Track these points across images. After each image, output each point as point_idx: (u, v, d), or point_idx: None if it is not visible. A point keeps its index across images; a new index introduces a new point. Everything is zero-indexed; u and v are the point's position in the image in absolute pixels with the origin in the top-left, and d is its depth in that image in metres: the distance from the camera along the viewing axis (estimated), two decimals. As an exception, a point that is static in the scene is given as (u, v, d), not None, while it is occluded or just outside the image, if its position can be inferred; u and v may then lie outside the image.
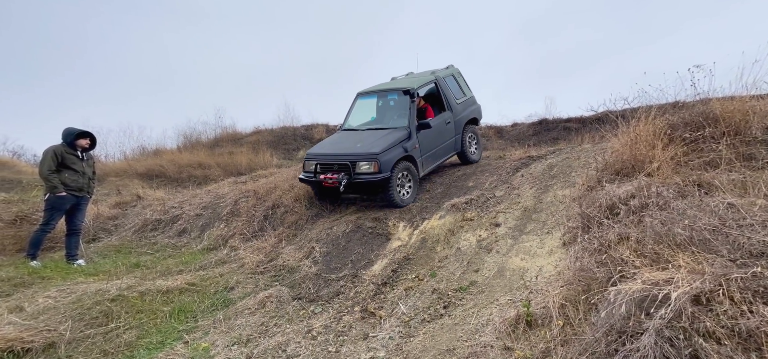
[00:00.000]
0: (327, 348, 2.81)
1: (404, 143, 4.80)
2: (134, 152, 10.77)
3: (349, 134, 5.23)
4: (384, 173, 4.51)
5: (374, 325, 3.12)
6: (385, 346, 2.67)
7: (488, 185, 5.40)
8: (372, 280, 3.94)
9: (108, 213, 5.93)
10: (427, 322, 2.92)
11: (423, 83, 5.32)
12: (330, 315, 3.40)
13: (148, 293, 3.34)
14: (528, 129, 10.45)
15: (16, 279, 3.50)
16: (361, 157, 4.54)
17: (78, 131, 4.21)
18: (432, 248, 4.40)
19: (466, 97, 6.00)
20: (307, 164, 4.93)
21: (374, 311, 3.34)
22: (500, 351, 2.17)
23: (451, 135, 5.62)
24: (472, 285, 3.35)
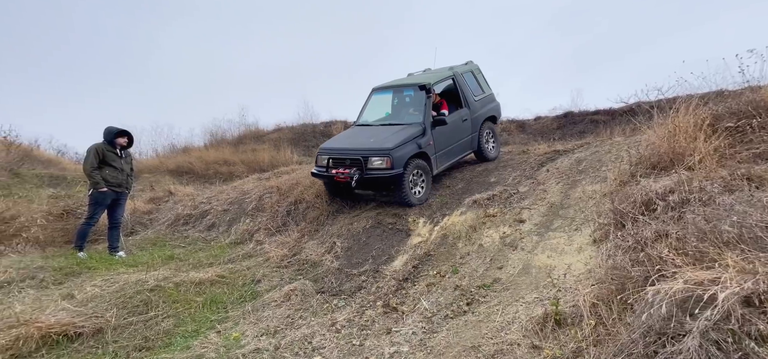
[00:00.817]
0: (351, 342, 2.85)
1: (418, 139, 4.64)
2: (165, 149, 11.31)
3: (363, 129, 5.11)
4: (396, 170, 4.35)
5: (397, 320, 3.13)
6: (409, 341, 2.67)
7: (511, 180, 5.26)
8: (393, 275, 3.95)
9: (143, 208, 6.28)
10: (450, 318, 2.90)
11: (439, 79, 5.18)
12: (353, 309, 3.45)
13: (183, 284, 3.51)
14: (552, 123, 10.07)
15: (67, 269, 3.79)
16: (374, 152, 4.39)
17: (117, 130, 4.47)
18: (453, 244, 4.35)
19: (484, 94, 5.77)
20: (320, 158, 4.82)
21: (396, 306, 3.35)
22: (528, 350, 2.12)
23: (467, 132, 5.42)
24: (496, 283, 3.28)
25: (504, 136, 9.89)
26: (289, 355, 2.61)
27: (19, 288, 3.20)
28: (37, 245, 4.70)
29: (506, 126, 10.49)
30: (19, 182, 6.41)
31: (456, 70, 5.46)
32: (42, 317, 2.57)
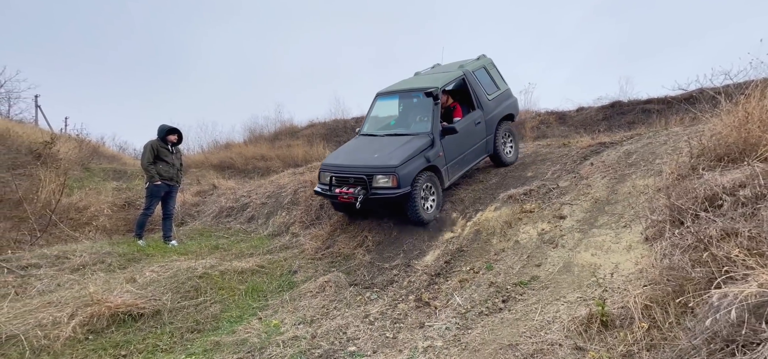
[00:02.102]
0: (384, 334, 2.89)
1: (426, 151, 4.19)
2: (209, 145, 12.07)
3: (367, 141, 4.62)
4: (403, 188, 3.93)
5: (429, 315, 3.12)
6: (442, 336, 2.65)
7: (550, 174, 4.99)
8: (425, 270, 3.93)
9: (191, 201, 6.81)
10: (485, 315, 2.83)
11: (449, 80, 4.65)
12: (385, 302, 3.49)
13: (227, 272, 3.77)
14: (597, 113, 9.36)
15: (129, 255, 4.23)
16: (378, 170, 3.97)
17: (168, 128, 4.87)
18: (487, 240, 4.22)
19: (499, 91, 5.19)
20: (323, 175, 4.36)
21: (429, 300, 3.34)
22: (570, 351, 2.01)
23: (481, 136, 4.89)
24: (534, 280, 3.15)
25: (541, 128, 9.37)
26: (325, 344, 2.71)
27: (91, 271, 3.63)
28: (104, 232, 5.28)
29: (545, 118, 9.93)
30: (89, 175, 7.22)
31: (467, 68, 4.89)
32: (111, 297, 2.90)
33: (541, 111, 10.45)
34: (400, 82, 5.23)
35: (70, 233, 4.90)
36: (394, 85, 5.14)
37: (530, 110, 10.32)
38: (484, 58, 5.27)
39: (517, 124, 9.36)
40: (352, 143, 4.82)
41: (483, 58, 5.27)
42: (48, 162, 6.10)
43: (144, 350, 2.51)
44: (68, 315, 2.59)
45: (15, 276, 3.23)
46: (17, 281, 3.17)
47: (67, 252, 3.88)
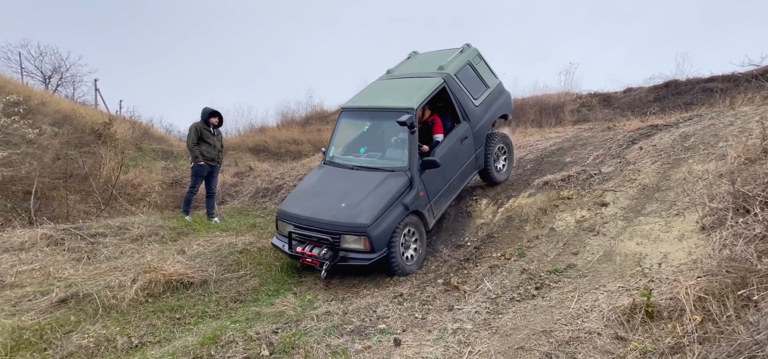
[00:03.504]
0: (413, 314, 2.93)
1: (405, 196, 3.29)
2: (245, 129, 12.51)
3: (332, 176, 3.65)
4: (379, 252, 3.11)
5: (458, 298, 3.11)
6: (472, 320, 2.64)
7: (592, 160, 4.68)
8: (453, 255, 3.90)
9: (230, 181, 7.24)
10: (516, 301, 2.77)
11: (425, 95, 3.58)
12: (413, 284, 3.52)
13: (264, 249, 4.00)
14: (647, 94, 8.53)
15: (178, 229, 4.63)
16: (346, 228, 3.12)
17: (210, 110, 5.17)
18: (519, 227, 4.09)
19: (488, 90, 4.14)
20: (281, 224, 3.48)
21: (458, 285, 3.32)
22: (610, 340, 1.92)
23: (469, 153, 3.94)
24: (570, 268, 3.01)
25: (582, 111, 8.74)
26: (356, 320, 2.80)
27: (148, 242, 4.02)
28: (156, 207, 5.80)
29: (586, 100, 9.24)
30: (142, 155, 7.90)
31: (447, 71, 3.82)
32: (165, 266, 3.21)
33: (583, 93, 9.70)
34: (369, 91, 4.14)
35: (127, 207, 5.44)
36: (363, 98, 4.05)
37: (570, 92, 9.63)
38: (469, 50, 4.13)
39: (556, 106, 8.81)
40: (315, 179, 3.76)
41: (467, 50, 4.13)
42: (107, 142, 6.75)
43: (194, 314, 2.77)
44: (131, 279, 2.92)
45: (86, 242, 3.67)
46: (88, 247, 3.61)
47: (127, 224, 4.32)
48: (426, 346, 2.34)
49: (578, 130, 5.82)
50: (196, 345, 2.33)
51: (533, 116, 8.69)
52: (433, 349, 2.29)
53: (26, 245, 3.41)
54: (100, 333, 2.40)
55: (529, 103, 9.32)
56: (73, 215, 4.73)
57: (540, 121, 8.31)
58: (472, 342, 2.33)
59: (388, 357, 2.22)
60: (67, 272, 3.11)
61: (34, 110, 6.47)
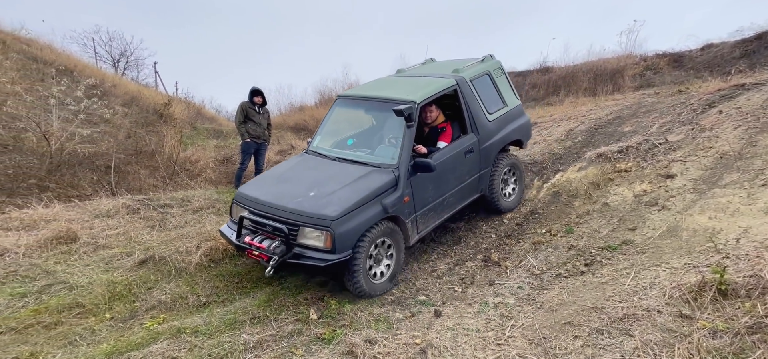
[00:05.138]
0: (453, 288, 2.94)
1: (385, 196, 2.66)
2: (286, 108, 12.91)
3: (310, 164, 3.12)
4: (341, 254, 2.43)
5: (499, 274, 3.05)
6: (514, 294, 2.58)
7: (656, 128, 4.20)
8: (494, 231, 3.80)
9: (274, 159, 7.66)
10: (563, 278, 2.65)
11: (432, 91, 3.10)
12: (452, 259, 3.51)
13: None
14: (732, 50, 7.27)
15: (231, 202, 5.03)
16: (307, 219, 2.48)
17: (253, 90, 5.46)
18: (567, 202, 3.85)
19: (506, 109, 3.58)
20: (235, 209, 2.89)
21: (499, 260, 3.25)
22: (672, 318, 1.77)
23: (473, 170, 3.32)
24: (626, 245, 2.79)
25: (647, 75, 7.76)
26: (396, 292, 2.89)
27: (206, 213, 4.46)
28: (211, 182, 6.36)
29: (652, 62, 8.14)
30: (196, 134, 8.62)
31: (462, 74, 3.33)
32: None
33: (648, 54, 8.54)
34: (372, 83, 3.74)
35: (187, 182, 6.04)
36: (363, 89, 3.66)
37: (632, 55, 8.54)
38: (491, 61, 3.66)
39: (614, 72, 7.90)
40: (288, 166, 3.30)
41: (488, 61, 3.66)
42: (167, 121, 7.46)
43: (250, 280, 3.06)
44: (195, 246, 3.29)
45: (157, 211, 4.18)
46: (159, 216, 4.11)
47: (189, 197, 4.82)
48: (467, 318, 2.35)
49: (640, 96, 5.22)
50: (253, 306, 2.58)
51: (586, 84, 7.92)
52: (474, 321, 2.30)
53: (111, 213, 3.96)
54: (175, 291, 2.76)
55: (582, 70, 8.48)
56: (144, 187, 5.35)
57: (594, 89, 7.55)
58: (514, 316, 2.29)
59: (430, 327, 2.27)
60: (144, 237, 3.59)
61: (107, 92, 7.16)
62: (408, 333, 2.18)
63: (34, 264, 2.77)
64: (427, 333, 2.17)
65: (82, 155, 5.21)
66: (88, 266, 2.82)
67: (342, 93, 3.63)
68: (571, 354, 1.81)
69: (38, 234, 3.16)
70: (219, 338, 2.10)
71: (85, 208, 3.97)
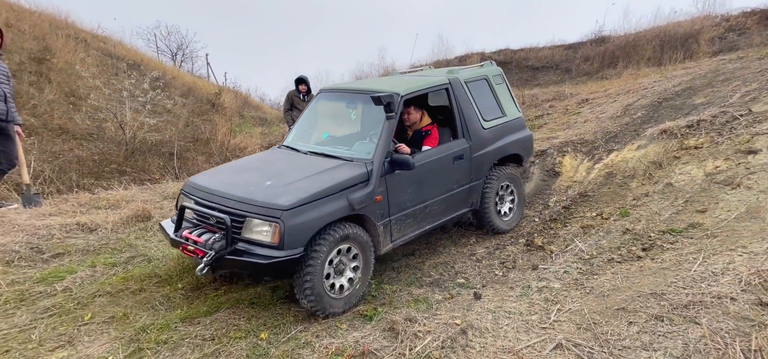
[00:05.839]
0: (493, 272, 2.89)
1: (353, 190, 2.29)
2: None
3: (278, 158, 2.81)
4: (289, 250, 2.03)
5: (544, 258, 2.93)
6: (560, 279, 2.47)
7: (737, 98, 3.68)
8: (538, 215, 3.63)
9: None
10: (616, 262, 2.47)
11: (419, 87, 2.78)
12: (492, 244, 3.44)
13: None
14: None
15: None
16: (257, 208, 2.11)
17: (297, 78, 5.69)
18: (622, 184, 3.54)
19: (504, 119, 3.25)
20: (181, 198, 2.50)
21: (542, 245, 3.12)
22: (749, 306, 1.58)
23: (462, 180, 2.95)
24: (693, 228, 2.51)
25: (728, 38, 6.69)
26: (434, 274, 2.91)
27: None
28: None
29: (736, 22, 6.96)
30: (244, 121, 9.23)
31: (457, 75, 3.03)
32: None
33: (732, 13, 7.33)
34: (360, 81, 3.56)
35: None
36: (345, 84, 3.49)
37: (711, 15, 7.41)
38: (490, 67, 3.38)
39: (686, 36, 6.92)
40: (253, 158, 3.08)
41: (488, 66, 3.39)
42: (219, 110, 8.08)
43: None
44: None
45: None
46: None
47: None
48: (508, 301, 2.31)
49: (718, 62, 4.55)
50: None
51: (650, 52, 7.08)
52: (517, 305, 2.25)
53: (176, 195, 4.43)
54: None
55: (645, 37, 7.58)
56: (201, 172, 5.95)
57: (660, 58, 6.74)
58: (560, 301, 2.20)
59: (470, 309, 2.27)
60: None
61: (168, 83, 7.77)
62: (447, 313, 2.20)
63: (120, 238, 3.22)
64: (467, 314, 2.17)
65: (150, 142, 5.86)
66: (161, 242, 3.21)
67: (325, 87, 3.31)
68: (625, 339, 1.70)
69: (121, 212, 3.65)
70: (273, 310, 2.30)
71: (156, 190, 4.49)
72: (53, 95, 5.01)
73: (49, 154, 4.47)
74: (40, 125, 4.32)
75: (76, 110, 5.22)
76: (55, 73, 5.34)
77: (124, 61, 7.33)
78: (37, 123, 4.24)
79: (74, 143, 4.46)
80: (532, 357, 1.68)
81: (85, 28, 7.77)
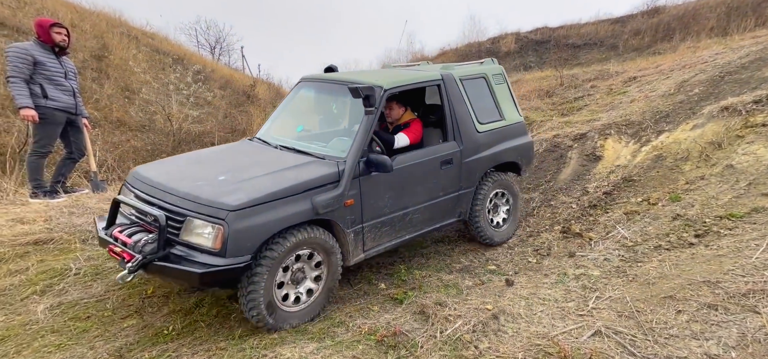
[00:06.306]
0: (526, 259, 2.83)
1: (318, 192, 2.00)
2: None
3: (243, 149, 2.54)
4: (231, 259, 1.74)
5: (581, 245, 2.81)
6: (600, 267, 2.36)
7: (814, 64, 3.20)
8: (575, 202, 3.47)
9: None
10: (664, 250, 2.31)
11: (410, 81, 2.50)
12: (524, 231, 3.35)
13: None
14: None
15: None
16: (200, 207, 1.81)
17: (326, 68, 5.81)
18: (674, 167, 3.27)
19: (502, 122, 2.92)
20: (124, 191, 2.19)
21: (580, 232, 2.98)
22: (825, 297, 1.42)
23: (450, 186, 2.62)
24: (757, 212, 2.28)
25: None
26: (464, 261, 2.90)
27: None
28: None
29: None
30: None
31: (451, 72, 2.71)
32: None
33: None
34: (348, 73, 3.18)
35: None
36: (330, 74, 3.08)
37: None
38: (491, 65, 3.06)
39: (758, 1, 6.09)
40: (220, 148, 2.84)
41: (488, 64, 3.07)
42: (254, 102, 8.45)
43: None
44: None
45: None
46: None
47: None
48: (543, 288, 2.26)
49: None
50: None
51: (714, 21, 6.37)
52: (552, 292, 2.20)
53: None
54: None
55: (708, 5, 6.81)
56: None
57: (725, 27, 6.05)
58: (599, 288, 2.11)
59: (501, 295, 2.25)
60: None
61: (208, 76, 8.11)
62: (478, 299, 2.20)
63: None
64: (498, 300, 2.16)
65: (194, 133, 6.30)
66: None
67: (306, 75, 3.00)
68: (673, 328, 1.61)
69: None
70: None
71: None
72: (111, 90, 5.51)
73: (111, 144, 4.97)
74: (101, 118, 4.78)
75: (131, 103, 5.73)
76: (113, 69, 5.85)
77: (169, 56, 7.84)
78: (99, 116, 4.71)
79: (130, 134, 4.90)
80: (568, 343, 1.64)
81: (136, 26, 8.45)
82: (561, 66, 7.76)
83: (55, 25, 3.18)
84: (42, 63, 3.10)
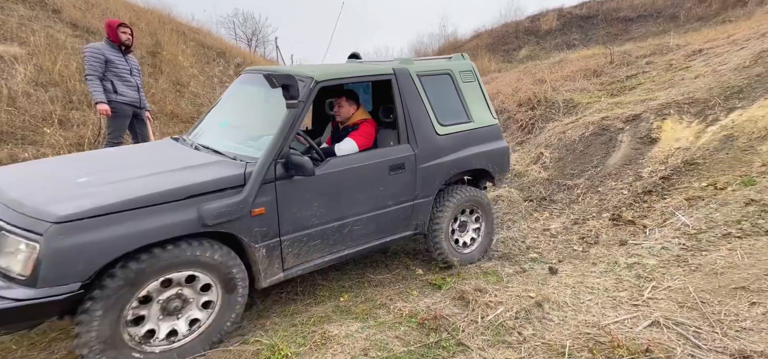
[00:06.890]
0: (571, 247, 2.71)
1: (211, 199, 1.60)
2: None
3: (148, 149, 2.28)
4: (46, 289, 1.30)
5: (634, 234, 2.63)
6: (656, 255, 2.20)
7: None
8: (627, 187, 3.23)
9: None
10: (734, 238, 2.09)
11: (350, 73, 2.17)
12: (568, 219, 3.19)
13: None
14: None
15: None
16: (15, 217, 1.38)
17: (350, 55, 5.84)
18: (747, 148, 2.92)
19: (469, 124, 2.50)
20: None
21: (633, 219, 2.79)
22: None
23: (401, 195, 2.22)
24: None
25: None
26: (503, 248, 2.84)
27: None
28: None
29: None
30: None
31: (406, 66, 2.33)
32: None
33: None
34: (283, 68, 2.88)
35: None
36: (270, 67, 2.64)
37: None
38: (459, 61, 2.68)
39: None
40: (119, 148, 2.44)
41: (456, 60, 2.68)
42: None
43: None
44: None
45: None
46: None
47: None
48: (590, 277, 2.15)
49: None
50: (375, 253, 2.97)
51: None
52: (601, 281, 2.09)
53: None
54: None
55: None
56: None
57: None
58: (656, 278, 1.97)
59: (545, 283, 2.18)
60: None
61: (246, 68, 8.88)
62: (520, 286, 2.15)
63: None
64: (542, 288, 2.09)
65: None
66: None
67: (250, 67, 2.68)
68: (745, 321, 1.47)
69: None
70: (350, 274, 2.52)
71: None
72: (165, 84, 5.94)
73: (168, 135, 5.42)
74: (158, 111, 5.20)
75: (181, 96, 6.15)
76: (165, 64, 6.30)
77: (213, 49, 8.28)
78: (155, 109, 5.10)
79: (182, 126, 5.27)
80: (622, 333, 1.56)
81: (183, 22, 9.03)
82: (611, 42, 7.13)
83: (122, 25, 3.48)
84: (112, 61, 3.41)
